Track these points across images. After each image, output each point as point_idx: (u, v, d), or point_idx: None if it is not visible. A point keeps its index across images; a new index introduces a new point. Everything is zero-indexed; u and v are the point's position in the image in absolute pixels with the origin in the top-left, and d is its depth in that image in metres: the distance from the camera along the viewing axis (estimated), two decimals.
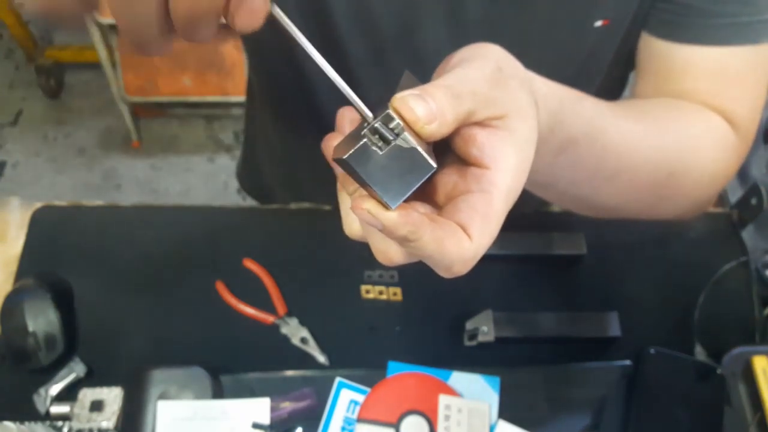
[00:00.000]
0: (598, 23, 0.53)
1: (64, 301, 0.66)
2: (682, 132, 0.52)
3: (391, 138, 0.28)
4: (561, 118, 0.39)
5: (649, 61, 0.56)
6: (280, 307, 0.69)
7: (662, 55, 0.54)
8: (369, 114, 0.30)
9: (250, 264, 0.71)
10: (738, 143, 0.55)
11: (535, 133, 0.33)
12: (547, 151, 0.39)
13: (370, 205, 0.28)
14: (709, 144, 0.53)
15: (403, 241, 0.29)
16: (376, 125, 0.28)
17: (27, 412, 0.61)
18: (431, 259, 0.30)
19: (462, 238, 0.29)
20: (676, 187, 0.54)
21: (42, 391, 0.62)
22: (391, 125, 0.28)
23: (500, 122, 0.31)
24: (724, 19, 0.50)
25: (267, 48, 0.64)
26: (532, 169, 0.33)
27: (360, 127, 0.29)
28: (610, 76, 0.63)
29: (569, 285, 0.72)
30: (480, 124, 0.31)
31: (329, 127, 0.35)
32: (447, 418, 0.59)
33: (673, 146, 0.51)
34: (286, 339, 0.67)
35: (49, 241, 0.73)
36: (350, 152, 0.28)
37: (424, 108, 0.28)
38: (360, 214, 0.28)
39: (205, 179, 1.99)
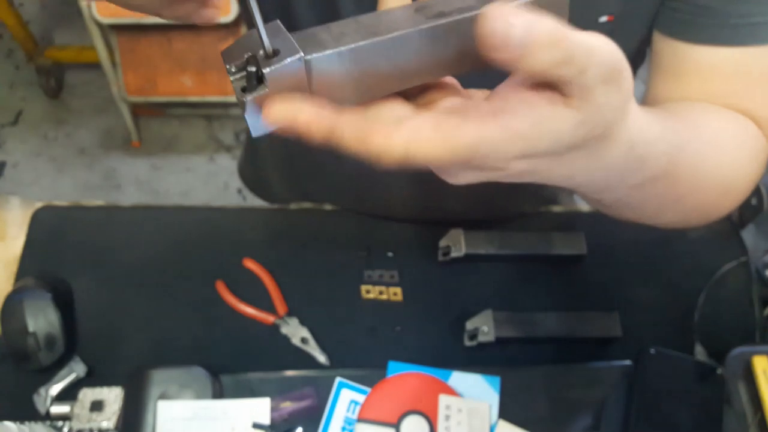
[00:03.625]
0: (603, 19, 0.53)
1: (64, 301, 0.66)
2: (731, 145, 0.51)
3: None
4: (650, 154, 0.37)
5: (666, 62, 0.55)
6: (281, 307, 0.69)
7: (679, 55, 0.54)
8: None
9: (250, 264, 0.71)
10: (766, 145, 0.55)
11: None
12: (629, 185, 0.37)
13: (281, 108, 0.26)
14: (748, 152, 0.53)
15: (327, 140, 0.27)
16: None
17: (27, 412, 0.61)
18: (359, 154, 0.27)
19: (391, 131, 0.26)
20: (725, 198, 0.53)
21: (42, 391, 0.62)
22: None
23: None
24: (739, 20, 0.50)
25: None
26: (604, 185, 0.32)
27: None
28: None
29: (569, 285, 0.72)
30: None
31: None
32: (447, 418, 0.59)
33: (727, 162, 0.50)
34: (286, 339, 0.67)
35: (49, 241, 0.73)
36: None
37: None
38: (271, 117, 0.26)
39: (205, 179, 1.99)
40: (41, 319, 0.63)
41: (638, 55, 0.60)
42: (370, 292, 0.71)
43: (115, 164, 2.01)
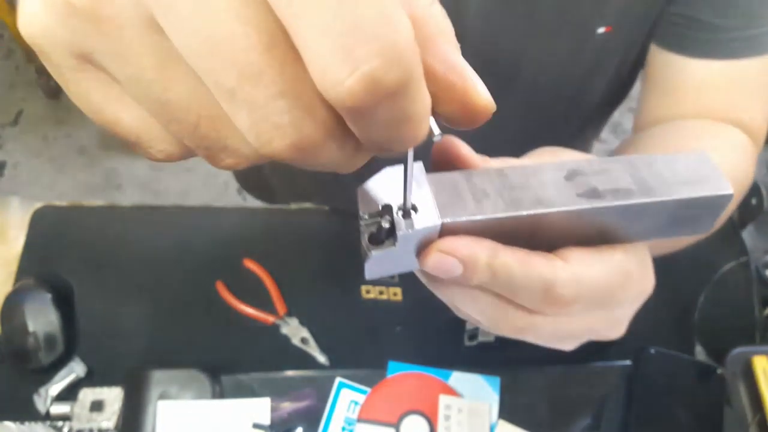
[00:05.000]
0: (601, 30, 0.53)
1: (64, 301, 0.66)
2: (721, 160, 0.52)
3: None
4: None
5: (660, 76, 0.56)
6: (280, 307, 0.69)
7: (673, 69, 0.54)
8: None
9: (250, 264, 0.71)
10: (755, 151, 0.56)
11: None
12: None
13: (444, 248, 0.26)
14: (736, 163, 0.53)
15: (488, 278, 0.26)
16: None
17: (27, 412, 0.61)
18: (523, 289, 0.27)
19: (553, 257, 0.27)
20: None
21: (42, 391, 0.62)
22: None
23: None
24: (732, 33, 0.50)
25: None
26: None
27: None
28: (615, 84, 0.63)
29: None
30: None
31: None
32: (447, 418, 0.59)
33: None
34: (286, 339, 0.67)
35: (49, 241, 0.73)
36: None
37: None
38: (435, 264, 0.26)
39: (205, 179, 1.99)
40: (41, 319, 0.63)
41: (635, 66, 0.60)
42: (370, 292, 0.71)
43: (115, 164, 2.01)
